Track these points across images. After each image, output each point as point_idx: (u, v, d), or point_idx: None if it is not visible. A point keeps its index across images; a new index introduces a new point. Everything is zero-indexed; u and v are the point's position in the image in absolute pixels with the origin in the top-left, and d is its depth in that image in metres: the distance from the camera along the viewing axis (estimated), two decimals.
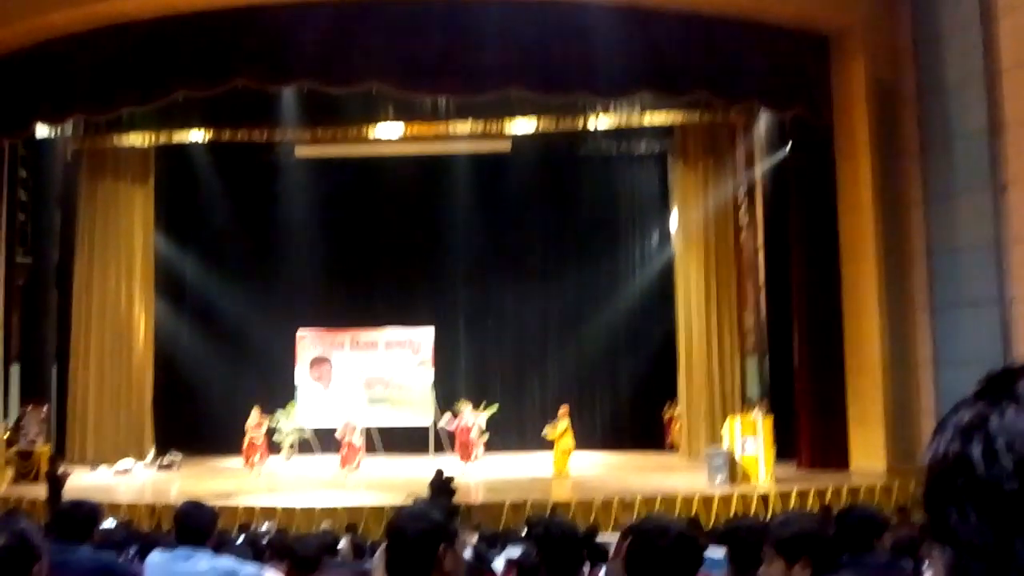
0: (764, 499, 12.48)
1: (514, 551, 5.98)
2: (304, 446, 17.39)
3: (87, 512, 4.32)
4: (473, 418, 16.26)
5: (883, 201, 13.91)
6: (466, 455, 15.76)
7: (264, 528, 10.35)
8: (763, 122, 16.64)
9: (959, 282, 12.84)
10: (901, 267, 13.81)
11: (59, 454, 15.79)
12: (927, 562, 3.91)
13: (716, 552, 5.62)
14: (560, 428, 15.33)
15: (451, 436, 16.24)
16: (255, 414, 16.09)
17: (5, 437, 15.47)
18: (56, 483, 12.19)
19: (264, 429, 16.18)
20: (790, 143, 15.53)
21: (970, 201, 12.60)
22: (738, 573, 3.61)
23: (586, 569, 4.51)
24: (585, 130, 16.71)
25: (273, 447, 16.77)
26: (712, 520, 11.46)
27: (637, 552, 2.32)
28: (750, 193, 17.97)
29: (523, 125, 16.11)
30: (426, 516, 2.10)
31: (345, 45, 13.96)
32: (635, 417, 19.08)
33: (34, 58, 14.66)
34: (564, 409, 15.58)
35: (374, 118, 16.07)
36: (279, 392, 17.53)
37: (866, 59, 14.07)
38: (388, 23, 14.02)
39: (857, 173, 14.21)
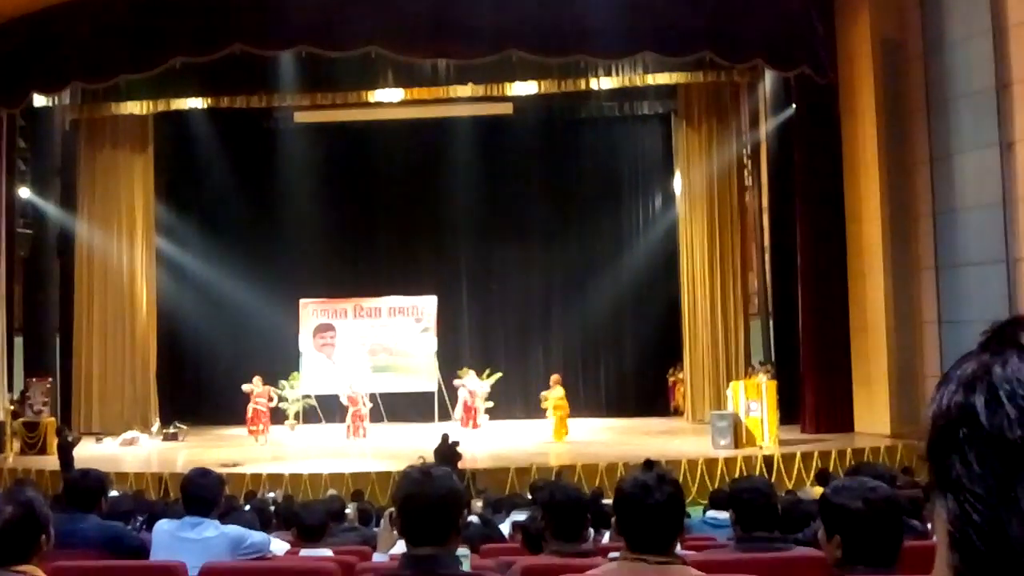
0: (768, 462, 12.52)
1: (519, 516, 5.99)
2: (309, 414, 17.44)
3: (94, 482, 4.34)
4: (476, 385, 16.30)
5: (888, 160, 13.80)
6: (468, 422, 15.84)
7: (271, 495, 10.41)
8: (768, 81, 16.49)
9: (965, 242, 12.76)
10: (906, 227, 13.72)
11: (65, 424, 15.86)
12: (930, 524, 3.89)
13: (719, 514, 5.64)
14: (555, 396, 15.43)
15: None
16: (257, 383, 16.12)
17: (11, 409, 15.54)
18: (66, 450, 12.30)
19: (267, 398, 16.21)
20: (795, 102, 15.38)
21: (976, 160, 12.49)
22: (743, 534, 3.60)
23: (591, 533, 4.51)
24: (587, 91, 16.56)
25: (277, 416, 16.83)
26: (717, 483, 11.51)
27: (624, 511, 2.30)
28: (754, 153, 17.85)
29: (524, 87, 15.96)
30: (447, 480, 2.05)
31: (341, 8, 13.84)
32: (639, 382, 19.10)
33: (30, 27, 14.53)
34: (556, 378, 15.79)
35: (374, 83, 15.92)
36: (282, 361, 17.54)
37: (871, 16, 13.88)
38: None
39: (862, 132, 14.09)
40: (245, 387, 16.08)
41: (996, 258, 12.10)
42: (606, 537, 4.69)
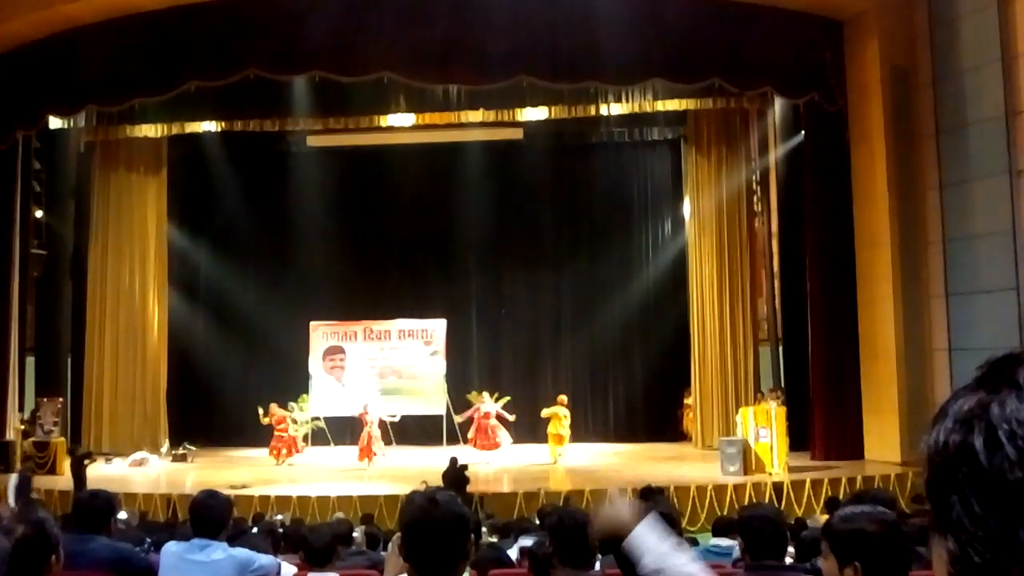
0: (777, 488, 12.45)
1: (527, 541, 5.98)
2: (318, 437, 17.44)
3: (103, 503, 4.36)
4: (492, 407, 16.17)
5: (898, 187, 13.80)
6: (487, 445, 15.76)
7: (279, 518, 10.41)
8: (777, 108, 16.55)
9: (975, 269, 12.73)
10: (916, 254, 13.70)
11: (76, 443, 15.91)
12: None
13: (723, 541, 5.62)
14: (548, 411, 15.66)
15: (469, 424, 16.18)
16: (274, 409, 16.14)
17: (21, 428, 15.59)
18: (80, 468, 12.36)
19: (286, 423, 16.21)
20: (804, 129, 15.42)
21: (986, 187, 12.48)
22: (752, 563, 3.58)
23: (598, 558, 4.49)
24: (597, 117, 16.65)
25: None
26: (725, 509, 11.45)
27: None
28: (764, 180, 17.87)
29: (535, 113, 16.06)
30: (453, 506, 2.02)
31: (355, 34, 13.99)
32: (648, 407, 19.03)
33: (46, 50, 14.71)
34: (560, 398, 15.98)
35: (386, 108, 16.06)
36: (292, 383, 17.56)
37: (881, 44, 13.93)
38: (397, 11, 14.06)
39: (872, 159, 14.10)
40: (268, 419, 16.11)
41: (1006, 286, 12.07)
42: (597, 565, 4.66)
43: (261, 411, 16.30)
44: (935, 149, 13.36)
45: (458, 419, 16.44)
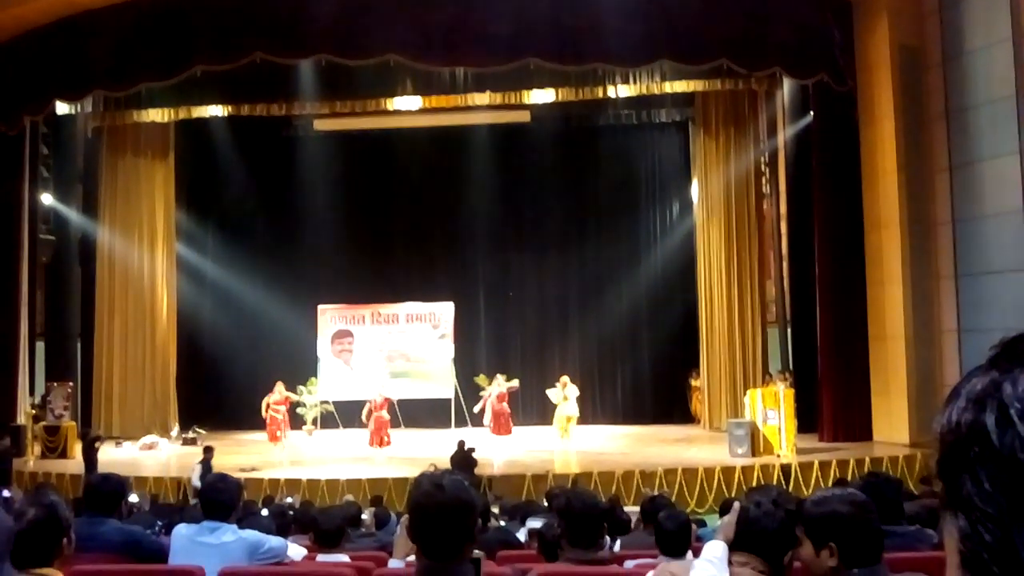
0: (785, 470, 12.47)
1: (536, 523, 6.00)
2: (327, 420, 17.52)
3: (114, 486, 4.38)
4: (498, 389, 16.18)
5: (907, 168, 13.73)
6: (501, 428, 15.79)
7: (289, 501, 10.47)
8: (786, 89, 16.44)
9: (984, 250, 12.68)
10: (925, 235, 13.64)
11: (87, 427, 16.02)
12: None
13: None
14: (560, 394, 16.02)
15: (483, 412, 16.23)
16: (279, 389, 16.19)
17: (32, 413, 15.70)
18: (91, 451, 12.46)
19: (285, 405, 16.26)
20: (813, 110, 15.33)
21: (995, 167, 12.41)
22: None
23: (607, 540, 4.51)
24: (605, 99, 16.59)
25: (295, 421, 16.90)
26: (734, 491, 11.47)
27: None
28: (772, 161, 17.79)
29: (542, 95, 16.00)
30: (459, 489, 2.02)
31: (360, 17, 13.94)
32: (657, 389, 19.05)
33: (53, 35, 14.72)
34: (563, 379, 16.31)
35: (392, 91, 16.03)
36: (300, 367, 17.63)
37: (890, 24, 13.83)
38: None
39: (881, 140, 14.03)
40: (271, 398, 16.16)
41: (1016, 266, 12.02)
42: (617, 545, 4.68)
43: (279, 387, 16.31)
44: (944, 129, 13.28)
45: (476, 409, 16.48)
